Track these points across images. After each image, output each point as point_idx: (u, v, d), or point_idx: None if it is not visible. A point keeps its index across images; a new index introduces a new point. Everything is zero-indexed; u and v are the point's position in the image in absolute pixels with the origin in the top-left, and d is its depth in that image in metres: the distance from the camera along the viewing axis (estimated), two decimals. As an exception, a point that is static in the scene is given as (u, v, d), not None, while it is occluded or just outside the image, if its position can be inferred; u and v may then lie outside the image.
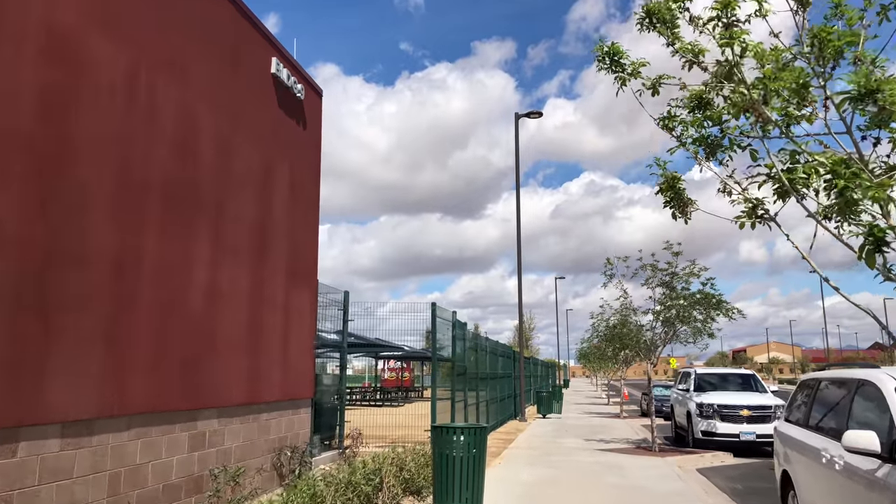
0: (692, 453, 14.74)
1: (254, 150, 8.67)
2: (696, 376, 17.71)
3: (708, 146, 4.71)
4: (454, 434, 7.57)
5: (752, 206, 4.48)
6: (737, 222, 4.59)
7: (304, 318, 10.03)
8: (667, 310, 15.21)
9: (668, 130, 4.98)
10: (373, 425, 17.92)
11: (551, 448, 15.60)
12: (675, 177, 4.95)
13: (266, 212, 8.95)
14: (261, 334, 8.69)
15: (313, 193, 10.58)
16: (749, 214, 4.52)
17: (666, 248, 15.21)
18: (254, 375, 8.47)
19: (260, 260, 8.73)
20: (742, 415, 15.50)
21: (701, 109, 4.67)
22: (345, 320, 11.99)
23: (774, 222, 4.45)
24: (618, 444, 16.56)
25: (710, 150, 4.72)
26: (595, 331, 26.63)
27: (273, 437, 8.99)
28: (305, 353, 10.05)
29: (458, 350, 15.11)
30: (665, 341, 15.49)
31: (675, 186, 4.92)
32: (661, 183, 4.99)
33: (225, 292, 7.84)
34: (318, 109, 10.98)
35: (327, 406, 11.38)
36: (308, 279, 10.24)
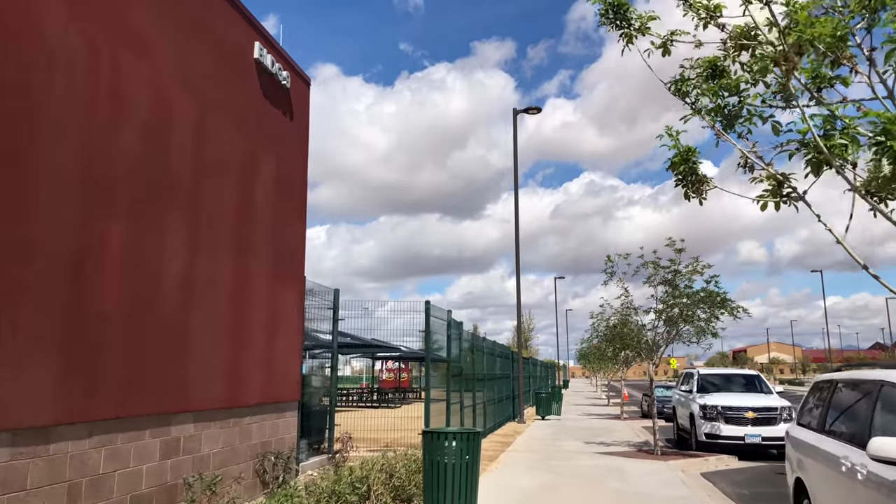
0: (696, 457, 14.27)
1: (234, 138, 8.20)
2: (699, 377, 17.24)
3: (725, 117, 4.19)
4: (446, 440, 7.10)
5: (778, 182, 3.95)
6: (759, 202, 4.08)
7: (290, 317, 9.56)
8: (669, 308, 14.75)
9: (681, 96, 4.43)
10: (366, 428, 17.45)
11: (551, 451, 15.12)
12: (689, 149, 4.41)
13: (248, 204, 8.48)
14: (242, 333, 8.22)
15: (300, 187, 10.11)
16: (774, 193, 4.00)
17: (668, 244, 14.74)
18: (234, 377, 7.99)
19: (241, 255, 8.26)
20: (747, 417, 15.02)
21: (716, 78, 4.13)
22: (335, 319, 11.51)
23: (803, 201, 3.91)
24: (619, 447, 16.09)
25: (727, 122, 4.20)
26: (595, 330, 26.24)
27: (256, 442, 8.51)
28: (292, 353, 9.58)
29: (455, 350, 14.64)
30: (668, 341, 15.02)
31: (688, 160, 4.39)
32: (673, 157, 4.46)
33: (202, 288, 7.37)
34: (306, 100, 10.51)
35: (316, 409, 10.90)
36: (295, 276, 9.77)
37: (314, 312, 11.81)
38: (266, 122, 9.06)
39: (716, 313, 13.95)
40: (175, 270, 6.90)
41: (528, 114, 25.93)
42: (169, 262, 6.81)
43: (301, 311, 9.95)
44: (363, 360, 49.82)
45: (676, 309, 14.58)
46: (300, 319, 9.90)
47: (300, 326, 9.90)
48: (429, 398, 11.73)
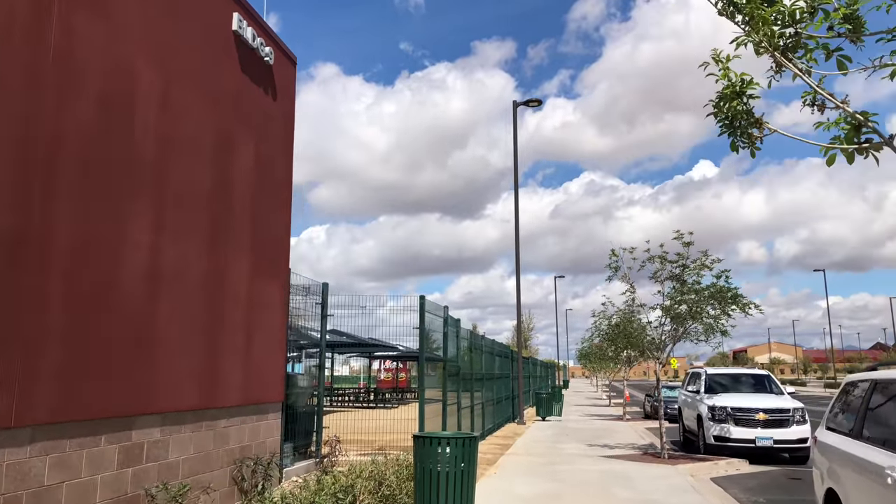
0: (704, 460, 13.58)
1: (207, 115, 7.51)
2: (706, 377, 16.54)
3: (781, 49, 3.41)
4: (439, 445, 6.41)
5: (856, 124, 3.19)
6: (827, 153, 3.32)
7: (272, 312, 8.87)
8: (676, 305, 14.07)
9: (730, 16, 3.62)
10: (360, 430, 16.77)
11: (552, 455, 14.44)
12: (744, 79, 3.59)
13: (224, 187, 7.79)
14: (218, 328, 7.53)
15: (284, 173, 9.42)
16: (849, 138, 3.23)
17: (676, 237, 14.06)
18: (209, 376, 7.31)
19: (216, 243, 7.57)
20: (758, 419, 14.33)
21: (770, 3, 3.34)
22: (323, 314, 10.82)
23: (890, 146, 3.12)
24: (623, 450, 15.40)
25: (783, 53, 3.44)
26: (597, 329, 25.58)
27: (233, 446, 7.82)
28: (274, 350, 8.89)
29: (452, 348, 13.95)
30: (675, 339, 14.33)
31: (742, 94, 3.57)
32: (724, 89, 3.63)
33: (170, 278, 6.68)
34: (292, 79, 9.82)
35: (303, 410, 10.22)
36: (277, 268, 9.08)
37: (304, 309, 11.14)
38: (245, 100, 8.37)
39: (727, 310, 13.26)
40: (137, 258, 6.21)
41: (528, 106, 25.26)
42: (128, 248, 6.12)
43: (285, 305, 9.27)
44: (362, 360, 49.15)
45: (684, 306, 13.91)
46: (284, 314, 9.22)
47: (284, 322, 9.21)
48: (423, 399, 11.04)
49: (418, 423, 10.93)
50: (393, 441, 15.04)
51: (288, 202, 9.45)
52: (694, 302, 13.51)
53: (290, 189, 9.51)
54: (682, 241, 14.00)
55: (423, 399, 11.00)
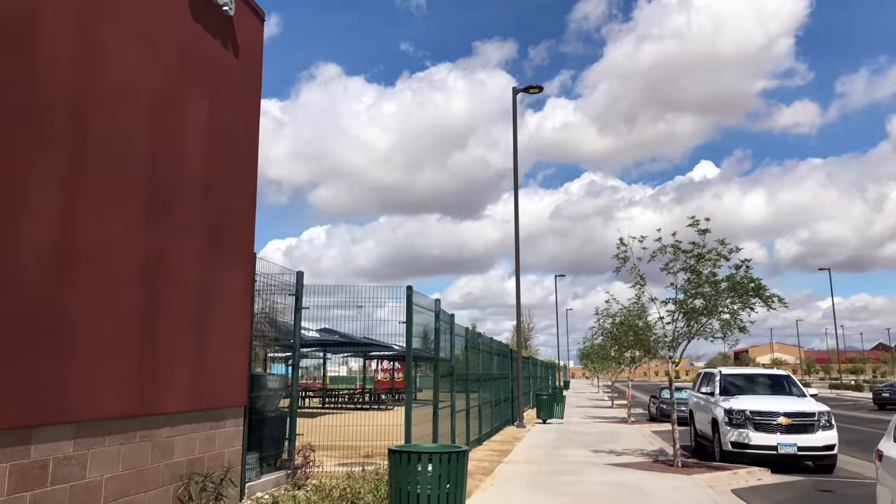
0: (722, 469, 12.34)
1: (146, 63, 6.27)
2: (721, 377, 15.29)
3: None
4: (419, 462, 5.18)
5: None
6: None
7: (232, 303, 7.63)
8: (690, 299, 12.82)
9: None
10: (347, 435, 15.52)
11: (555, 462, 13.20)
12: None
13: (167, 153, 6.55)
14: (159, 320, 6.30)
15: (247, 141, 8.18)
16: None
17: (690, 224, 12.82)
18: (145, 377, 6.07)
19: (157, 218, 6.33)
20: (780, 423, 13.09)
21: None
22: (297, 307, 9.57)
23: None
24: (632, 457, 14.16)
25: None
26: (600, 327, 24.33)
27: (179, 460, 6.58)
28: (235, 347, 7.65)
29: (444, 346, 12.72)
30: (689, 337, 13.08)
31: None
32: None
33: (90, 257, 5.44)
34: (258, 36, 8.59)
35: (273, 415, 8.98)
36: (238, 252, 7.84)
37: (283, 303, 9.91)
38: (196, 52, 7.13)
39: (749, 303, 12.00)
40: (40, 227, 4.97)
41: (528, 93, 24.09)
42: (29, 213, 4.88)
43: (248, 295, 8.03)
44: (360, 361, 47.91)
45: (699, 300, 12.66)
46: (247, 306, 7.98)
47: (247, 315, 7.97)
48: (410, 401, 9.79)
49: (404, 429, 9.69)
50: (382, 447, 13.80)
51: (252, 174, 8.21)
52: (710, 295, 12.26)
53: (254, 160, 8.28)
54: (698, 229, 12.77)
55: (411, 402, 9.76)
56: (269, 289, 9.24)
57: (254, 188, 8.25)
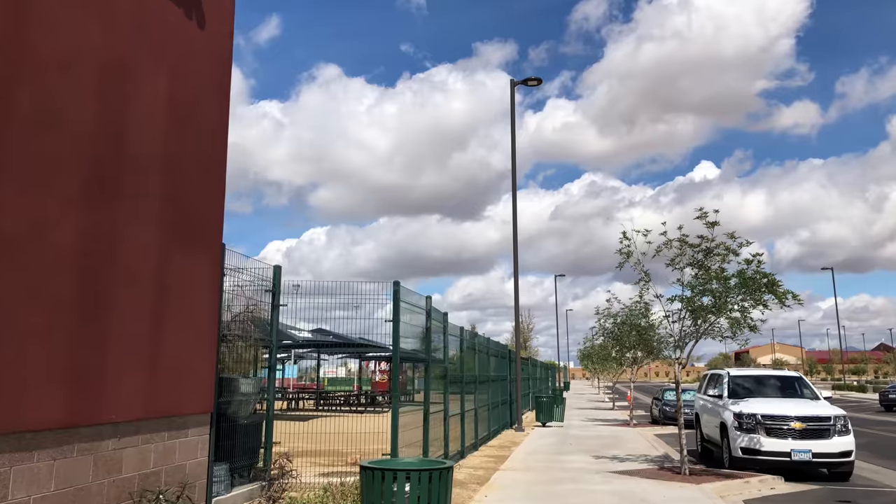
0: (732, 477, 11.59)
1: (91, 29, 5.52)
2: (729, 379, 14.53)
3: None
4: (394, 481, 4.43)
5: None
6: None
7: (195, 297, 6.88)
8: (698, 296, 12.06)
9: None
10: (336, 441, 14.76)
11: (555, 470, 12.44)
12: None
13: (118, 131, 5.80)
14: (104, 315, 5.55)
15: (215, 122, 7.43)
16: None
17: (698, 216, 12.07)
18: (86, 380, 5.32)
19: (102, 200, 5.58)
20: (793, 428, 12.33)
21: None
22: (274, 304, 8.81)
23: None
24: (636, 463, 13.41)
25: None
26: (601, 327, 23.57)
27: (129, 475, 5.83)
28: (198, 347, 6.90)
29: (437, 346, 11.97)
30: (697, 336, 12.32)
31: None
32: None
33: (10, 239, 4.69)
34: (229, 10, 7.83)
35: (246, 422, 8.22)
36: (202, 241, 7.08)
37: (261, 299, 9.16)
38: (151, 21, 6.37)
39: (762, 299, 11.23)
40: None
41: (527, 85, 23.33)
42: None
43: (214, 290, 7.27)
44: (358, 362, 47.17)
45: (707, 297, 11.91)
46: (213, 302, 7.22)
47: (213, 311, 7.22)
48: (396, 405, 9.03)
49: (391, 435, 8.93)
50: (372, 452, 13.06)
51: (220, 159, 7.46)
52: (720, 292, 11.50)
53: (223, 142, 7.52)
54: (706, 222, 12.02)
55: (397, 406, 8.99)
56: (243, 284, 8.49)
57: (222, 173, 7.50)
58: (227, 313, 8.49)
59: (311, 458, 13.01)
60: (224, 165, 7.52)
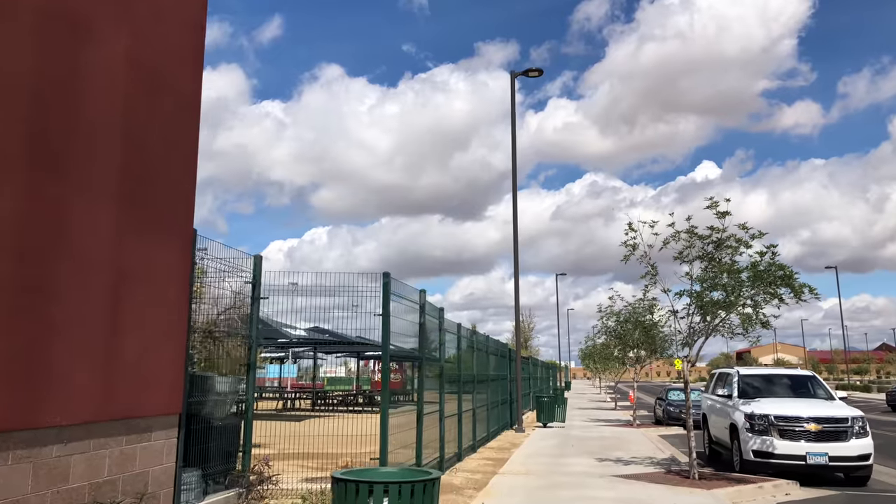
0: (745, 482, 10.94)
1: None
2: (739, 378, 13.87)
3: None
4: (369, 495, 3.77)
5: None
6: None
7: (161, 285, 6.23)
8: (707, 291, 11.41)
9: None
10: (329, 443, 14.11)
11: (556, 474, 11.79)
12: None
13: (68, 87, 5.15)
14: (47, 304, 4.90)
15: (187, 92, 6.78)
16: None
17: (709, 206, 11.41)
18: (24, 379, 4.67)
19: (45, 175, 4.93)
20: (809, 430, 11.67)
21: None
22: (254, 297, 8.16)
23: None
24: (641, 467, 12.75)
25: None
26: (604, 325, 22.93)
27: (78, 485, 5.18)
28: (164, 342, 6.25)
29: (433, 343, 11.33)
30: (707, 333, 11.66)
31: None
32: None
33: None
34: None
35: (221, 423, 7.56)
36: (171, 224, 6.44)
37: (238, 294, 8.51)
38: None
39: (777, 293, 10.56)
40: None
41: (527, 76, 22.69)
42: None
43: (184, 278, 6.62)
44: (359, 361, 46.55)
45: (719, 292, 11.26)
46: (181, 293, 6.57)
47: (182, 302, 6.57)
48: (386, 406, 8.36)
49: (380, 438, 8.26)
50: (364, 455, 12.43)
51: (191, 133, 6.80)
52: (735, 285, 10.84)
53: (195, 115, 6.87)
54: (717, 212, 11.36)
55: (387, 407, 8.33)
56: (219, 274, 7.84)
57: (193, 149, 6.85)
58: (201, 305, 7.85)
59: (301, 461, 12.37)
60: (196, 141, 6.87)
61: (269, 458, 7.76)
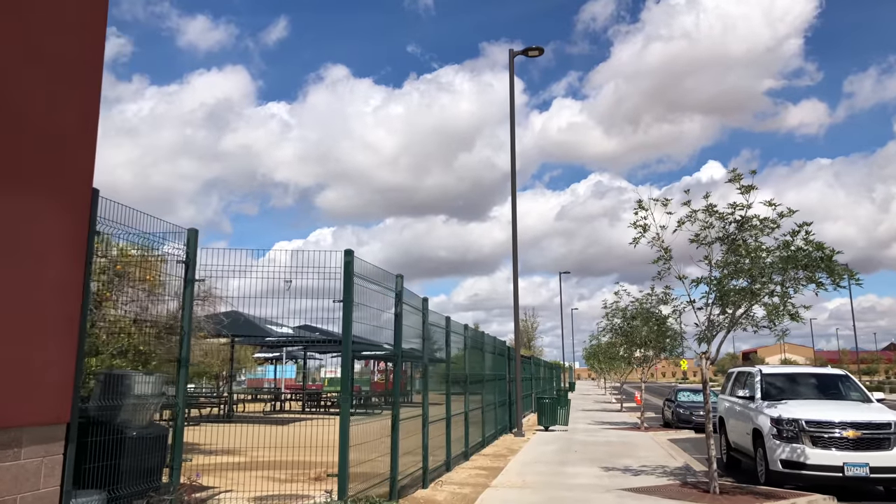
0: (773, 497, 9.49)
1: None
2: (762, 378, 12.39)
3: None
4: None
5: None
6: None
7: (40, 258, 4.81)
8: (728, 278, 9.95)
9: None
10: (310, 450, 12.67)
11: (557, 486, 10.35)
12: None
13: None
14: None
15: (81, 28, 5.34)
16: None
17: (731, 179, 9.96)
18: None
19: None
20: (846, 437, 10.19)
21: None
22: (187, 279, 6.72)
23: None
24: (653, 477, 11.30)
25: None
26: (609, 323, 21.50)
27: None
28: (43, 330, 4.83)
29: (413, 337, 9.90)
30: (730, 326, 10.19)
31: None
32: None
33: None
34: None
35: (140, 435, 6.12)
36: (57, 179, 5.01)
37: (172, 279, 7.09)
38: None
39: (815, 277, 9.07)
40: None
41: (527, 56, 21.24)
42: None
43: (77, 251, 5.19)
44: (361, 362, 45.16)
45: (744, 278, 9.79)
46: (72, 267, 5.14)
47: (72, 281, 5.14)
48: (346, 410, 6.93)
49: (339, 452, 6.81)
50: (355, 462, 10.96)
51: (91, 61, 5.36)
52: (761, 269, 9.36)
53: (97, 38, 5.43)
54: (740, 186, 9.91)
55: (347, 412, 6.90)
56: (140, 250, 6.40)
57: (94, 84, 5.41)
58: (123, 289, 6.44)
59: (271, 471, 10.97)
60: (98, 73, 5.44)
61: (199, 473, 6.32)
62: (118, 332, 7.67)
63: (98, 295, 8.26)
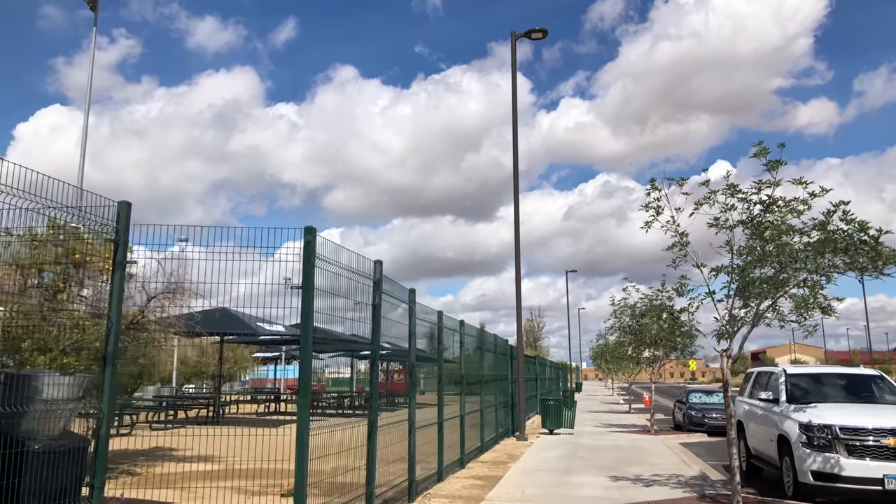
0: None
1: None
2: (786, 378, 11.22)
3: None
4: None
5: None
6: None
7: None
8: (751, 267, 8.81)
9: None
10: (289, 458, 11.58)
11: (559, 498, 9.26)
12: None
13: None
14: None
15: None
16: None
17: (756, 154, 8.81)
18: None
19: None
20: (886, 445, 9.02)
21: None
22: (115, 261, 5.63)
23: None
24: (667, 489, 10.17)
25: None
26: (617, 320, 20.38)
27: None
28: None
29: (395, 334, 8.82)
30: (754, 321, 9.04)
31: None
32: None
33: None
34: None
35: (51, 448, 5.04)
36: None
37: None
38: None
39: (859, 262, 7.89)
40: None
41: (530, 38, 20.13)
42: None
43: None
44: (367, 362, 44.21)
45: (769, 266, 8.65)
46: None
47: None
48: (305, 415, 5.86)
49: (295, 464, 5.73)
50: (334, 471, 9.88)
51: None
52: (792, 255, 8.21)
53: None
54: (765, 163, 8.77)
55: (307, 415, 5.83)
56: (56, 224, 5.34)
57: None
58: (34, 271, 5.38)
59: (242, 480, 9.90)
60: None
61: (124, 494, 5.23)
62: (72, 326, 6.67)
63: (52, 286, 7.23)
